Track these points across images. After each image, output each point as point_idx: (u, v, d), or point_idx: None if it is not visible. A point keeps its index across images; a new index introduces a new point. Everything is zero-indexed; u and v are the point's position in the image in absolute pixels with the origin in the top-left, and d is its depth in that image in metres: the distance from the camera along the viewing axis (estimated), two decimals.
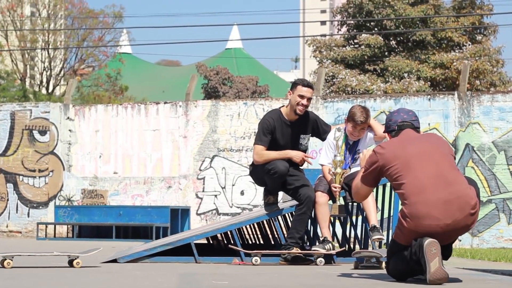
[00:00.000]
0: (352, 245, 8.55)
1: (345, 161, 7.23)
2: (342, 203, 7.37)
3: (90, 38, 35.87)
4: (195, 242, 7.48)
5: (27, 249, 9.53)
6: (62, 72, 35.84)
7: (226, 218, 14.80)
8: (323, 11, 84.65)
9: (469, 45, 25.67)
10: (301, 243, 7.39)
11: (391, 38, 26.69)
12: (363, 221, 7.58)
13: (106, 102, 29.36)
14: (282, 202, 7.97)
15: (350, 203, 7.69)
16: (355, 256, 6.79)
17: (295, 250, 7.17)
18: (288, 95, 7.47)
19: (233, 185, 15.82)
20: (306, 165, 11.54)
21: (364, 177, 5.59)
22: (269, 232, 9.57)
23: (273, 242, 9.22)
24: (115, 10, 35.90)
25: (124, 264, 7.04)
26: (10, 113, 16.93)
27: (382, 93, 22.75)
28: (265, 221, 9.31)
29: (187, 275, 5.92)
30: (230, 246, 7.79)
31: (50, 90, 35.14)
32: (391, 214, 7.74)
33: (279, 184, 7.37)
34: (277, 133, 7.37)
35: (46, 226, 16.35)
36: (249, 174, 7.84)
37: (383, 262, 6.46)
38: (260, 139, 7.36)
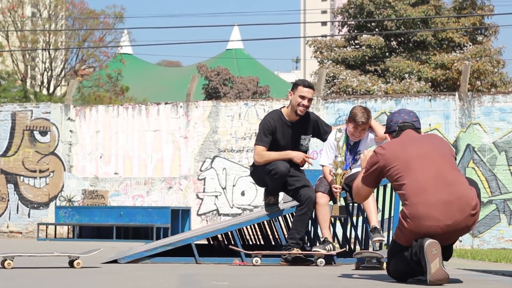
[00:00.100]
0: (353, 246, 8.55)
1: (346, 162, 7.22)
2: (343, 204, 7.37)
3: (91, 39, 35.88)
4: (196, 243, 7.48)
5: (28, 250, 9.53)
6: (63, 73, 35.84)
7: (227, 219, 14.79)
8: (324, 12, 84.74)
9: (470, 46, 25.65)
10: (302, 244, 7.39)
11: (392, 39, 26.68)
12: (364, 222, 7.58)
13: (107, 103, 29.35)
14: (283, 203, 7.96)
15: (351, 204, 7.68)
16: (356, 257, 6.78)
17: (296, 251, 7.17)
18: (289, 96, 7.46)
19: (234, 186, 15.82)
20: (307, 166, 11.53)
21: (365, 178, 5.59)
22: (270, 233, 9.56)
23: (274, 243, 9.21)
24: (116, 11, 35.92)
25: (125, 265, 7.04)
26: (11, 114, 16.93)
27: (383, 94, 22.75)
28: (266, 222, 9.31)
29: (188, 276, 5.92)
30: (231, 247, 7.78)
31: (51, 91, 35.13)
32: (392, 215, 7.74)
33: (280, 185, 7.36)
34: (278, 134, 7.36)
35: (47, 227, 16.36)
36: (250, 175, 7.84)
37: (384, 263, 6.46)
38: (261, 140, 7.35)
